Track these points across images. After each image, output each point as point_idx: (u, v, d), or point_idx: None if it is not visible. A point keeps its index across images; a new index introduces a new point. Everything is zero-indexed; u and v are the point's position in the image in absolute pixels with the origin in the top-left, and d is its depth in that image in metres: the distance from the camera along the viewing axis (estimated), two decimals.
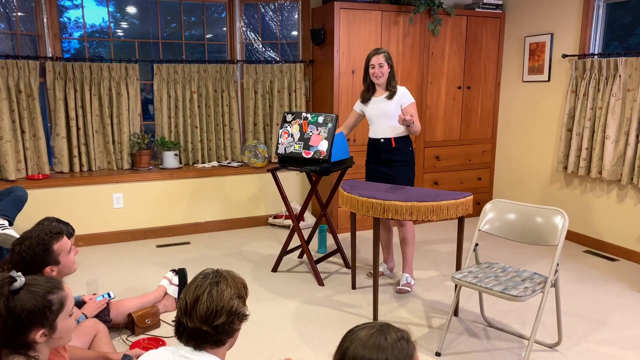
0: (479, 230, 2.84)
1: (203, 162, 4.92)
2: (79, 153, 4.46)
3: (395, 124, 3.39)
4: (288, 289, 3.52)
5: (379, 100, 3.44)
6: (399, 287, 3.49)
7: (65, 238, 2.27)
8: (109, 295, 2.81)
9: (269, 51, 5.13)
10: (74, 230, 2.75)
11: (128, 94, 4.53)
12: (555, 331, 2.92)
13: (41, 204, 4.17)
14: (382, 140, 3.45)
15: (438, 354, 2.68)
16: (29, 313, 1.50)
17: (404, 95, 3.40)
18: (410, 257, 3.52)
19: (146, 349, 2.62)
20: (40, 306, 1.52)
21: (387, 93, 3.41)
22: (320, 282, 3.59)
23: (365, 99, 3.52)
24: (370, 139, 3.56)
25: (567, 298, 3.38)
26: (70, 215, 4.28)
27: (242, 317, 1.58)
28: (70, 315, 1.63)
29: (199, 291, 1.52)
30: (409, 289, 3.49)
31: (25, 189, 3.61)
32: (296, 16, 5.06)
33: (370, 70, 3.40)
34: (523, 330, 2.95)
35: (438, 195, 2.95)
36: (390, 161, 3.45)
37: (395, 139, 3.42)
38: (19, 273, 1.55)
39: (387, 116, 3.40)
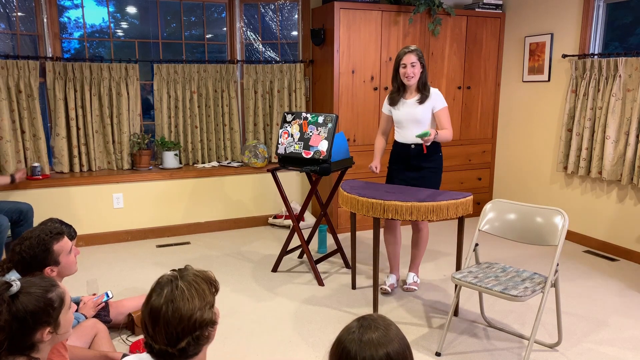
0: (479, 230, 2.84)
1: (203, 162, 4.92)
2: (79, 153, 4.46)
3: (427, 128, 3.20)
4: (288, 289, 3.52)
5: (409, 103, 3.22)
6: (406, 286, 3.50)
7: (65, 238, 2.26)
8: (107, 294, 2.80)
9: (269, 51, 5.13)
10: (76, 233, 2.75)
11: (128, 94, 4.53)
12: (555, 331, 2.92)
13: (41, 204, 4.17)
14: (412, 146, 3.25)
15: (438, 354, 2.68)
16: (33, 314, 1.51)
17: (437, 99, 3.17)
18: (420, 259, 3.52)
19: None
20: (43, 306, 1.53)
21: (418, 96, 3.19)
22: (320, 282, 3.59)
23: (394, 101, 3.29)
24: (397, 142, 3.35)
25: (567, 298, 3.38)
26: (70, 215, 4.28)
27: (211, 325, 1.43)
28: (69, 309, 1.65)
29: (155, 313, 1.38)
30: (416, 287, 3.51)
31: (27, 200, 3.63)
32: (296, 16, 5.06)
33: (401, 70, 3.15)
34: (523, 330, 2.95)
35: (438, 195, 2.95)
36: (420, 167, 3.28)
37: (427, 145, 3.18)
38: (13, 277, 1.55)
39: (418, 122, 3.19)
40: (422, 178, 3.29)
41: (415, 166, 3.30)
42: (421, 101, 3.19)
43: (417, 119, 3.20)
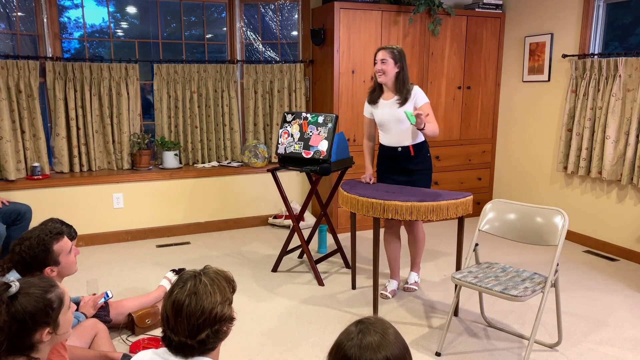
0: (479, 230, 2.84)
1: (203, 162, 4.92)
2: (79, 153, 4.46)
3: (412, 129, 3.14)
4: (288, 289, 3.52)
5: (389, 104, 3.17)
6: (407, 286, 3.50)
7: (65, 238, 2.26)
8: (107, 294, 2.80)
9: (269, 51, 5.13)
10: (76, 233, 2.75)
11: (128, 94, 4.53)
12: (555, 331, 2.92)
13: (41, 204, 4.17)
14: (399, 149, 3.21)
15: (438, 354, 2.68)
16: (32, 315, 1.51)
17: (417, 96, 3.12)
18: (420, 258, 3.51)
19: (146, 349, 2.62)
20: (42, 306, 1.53)
21: (397, 97, 3.14)
22: (320, 282, 3.59)
23: (372, 100, 3.26)
24: (383, 146, 3.30)
25: (567, 298, 3.38)
26: (70, 215, 4.28)
27: (229, 320, 1.50)
28: (68, 309, 1.65)
29: (177, 305, 1.45)
30: (417, 288, 3.51)
31: (26, 201, 3.62)
32: (296, 16, 5.06)
33: (375, 67, 3.15)
34: (523, 330, 2.95)
35: (438, 195, 2.95)
36: (409, 170, 3.24)
37: (414, 146, 3.18)
38: (12, 278, 1.55)
39: (401, 121, 3.13)
40: (412, 182, 3.26)
41: (404, 169, 3.26)
42: (402, 103, 3.12)
43: (399, 119, 3.14)
